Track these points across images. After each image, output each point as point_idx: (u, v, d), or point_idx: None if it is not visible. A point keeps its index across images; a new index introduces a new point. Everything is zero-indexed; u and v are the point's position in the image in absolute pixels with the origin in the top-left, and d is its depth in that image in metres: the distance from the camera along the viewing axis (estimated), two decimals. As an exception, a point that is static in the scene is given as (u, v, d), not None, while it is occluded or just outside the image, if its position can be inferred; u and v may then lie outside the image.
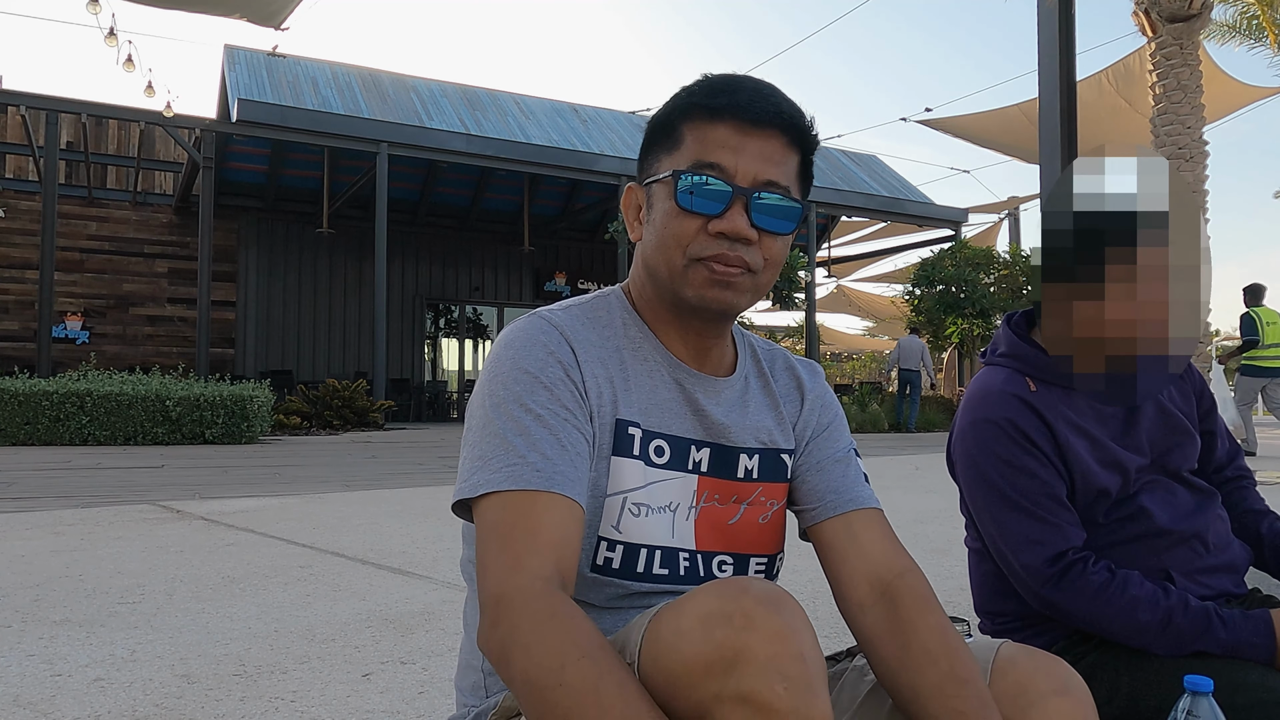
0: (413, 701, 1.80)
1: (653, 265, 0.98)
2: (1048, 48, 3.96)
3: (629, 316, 1.02)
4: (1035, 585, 1.29)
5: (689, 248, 0.94)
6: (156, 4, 4.85)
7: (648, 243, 0.98)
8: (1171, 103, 10.65)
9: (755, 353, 1.11)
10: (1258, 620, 1.21)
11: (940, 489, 6.00)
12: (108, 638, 2.22)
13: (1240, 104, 16.28)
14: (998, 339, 1.45)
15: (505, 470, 0.87)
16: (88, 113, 14.50)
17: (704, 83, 0.97)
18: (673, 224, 0.94)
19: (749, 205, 0.93)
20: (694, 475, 1.00)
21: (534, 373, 0.92)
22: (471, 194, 19.08)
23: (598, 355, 0.97)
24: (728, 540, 1.01)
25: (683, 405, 1.01)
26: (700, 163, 0.93)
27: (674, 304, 0.99)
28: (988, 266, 17.51)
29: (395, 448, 9.81)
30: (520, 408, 0.90)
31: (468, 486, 0.89)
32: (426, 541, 3.69)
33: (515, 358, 0.93)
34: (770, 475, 1.04)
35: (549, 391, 0.91)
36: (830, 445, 1.08)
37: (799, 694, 0.69)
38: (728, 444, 1.02)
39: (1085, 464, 1.31)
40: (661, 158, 0.98)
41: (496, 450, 0.88)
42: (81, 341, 16.92)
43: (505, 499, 0.86)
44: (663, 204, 0.96)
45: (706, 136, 0.94)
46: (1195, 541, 1.33)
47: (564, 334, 0.96)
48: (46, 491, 5.38)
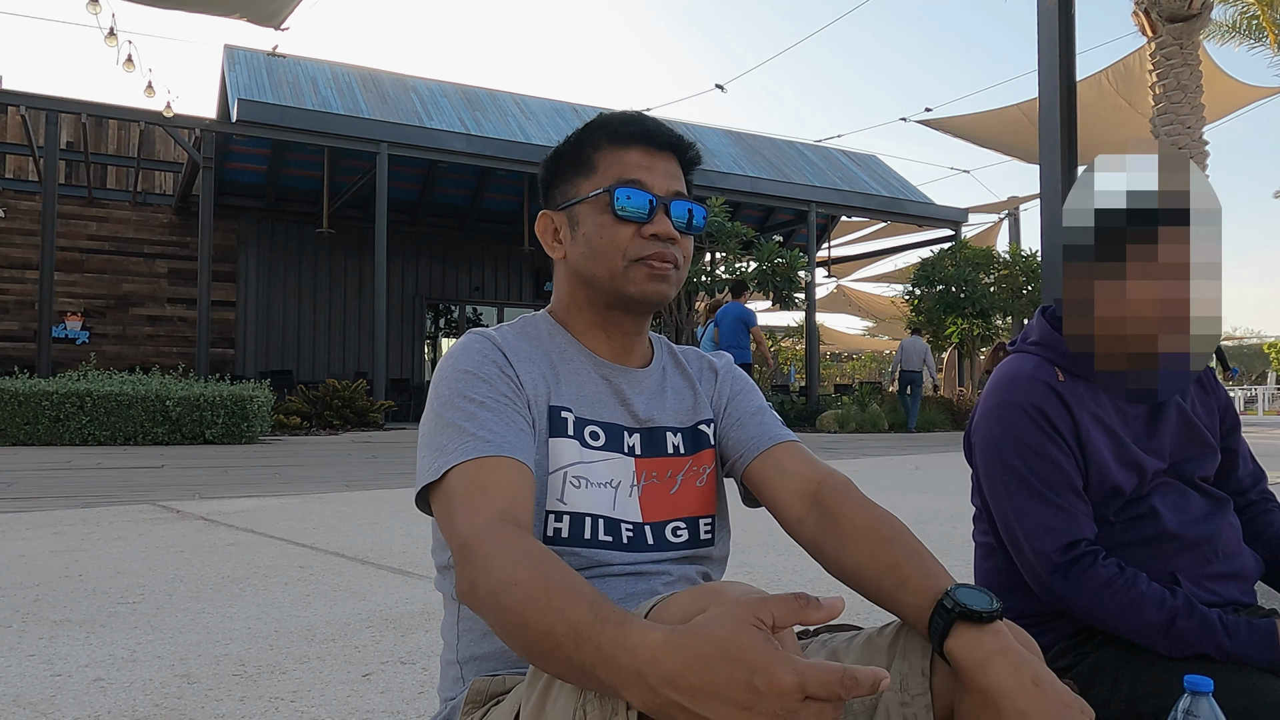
0: (413, 701, 1.80)
1: (589, 273, 1.12)
2: (1048, 48, 3.96)
3: (554, 328, 1.17)
4: (1044, 572, 1.29)
5: (626, 251, 1.09)
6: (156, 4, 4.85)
7: (579, 255, 1.12)
8: (1171, 103, 10.65)
9: (669, 347, 1.27)
10: (1262, 631, 1.21)
11: (940, 489, 5.99)
12: (108, 638, 2.22)
13: (1240, 104, 16.28)
14: (1030, 328, 1.45)
15: (459, 449, 0.97)
16: (88, 113, 14.50)
17: (606, 118, 1.14)
18: (608, 233, 1.09)
19: (669, 211, 1.10)
20: (630, 458, 1.11)
21: (472, 370, 1.04)
22: (471, 194, 19.08)
23: (528, 357, 1.10)
24: (674, 508, 1.12)
25: (611, 396, 1.14)
26: (623, 179, 1.09)
27: (610, 305, 1.13)
28: (988, 266, 17.51)
29: (395, 448, 9.81)
30: (463, 399, 1.01)
31: (429, 473, 0.98)
32: (426, 541, 3.69)
33: (454, 364, 1.06)
34: (694, 446, 1.17)
35: (487, 384, 1.03)
36: (745, 404, 1.22)
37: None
38: (654, 426, 1.15)
39: (1104, 460, 1.31)
40: (578, 183, 1.13)
41: (449, 437, 0.98)
42: (81, 341, 16.92)
43: (461, 470, 0.95)
44: (594, 218, 1.10)
45: (621, 160, 1.11)
46: (1205, 547, 1.33)
47: (495, 342, 1.09)
48: (46, 491, 5.38)
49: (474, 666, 1.06)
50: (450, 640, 1.11)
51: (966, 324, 17.31)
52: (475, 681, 1.01)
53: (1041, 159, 4.02)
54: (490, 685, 1.00)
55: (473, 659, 1.07)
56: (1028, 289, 17.43)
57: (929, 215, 20.36)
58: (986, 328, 17.54)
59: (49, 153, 13.58)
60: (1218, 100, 13.74)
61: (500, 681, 1.00)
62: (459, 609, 1.10)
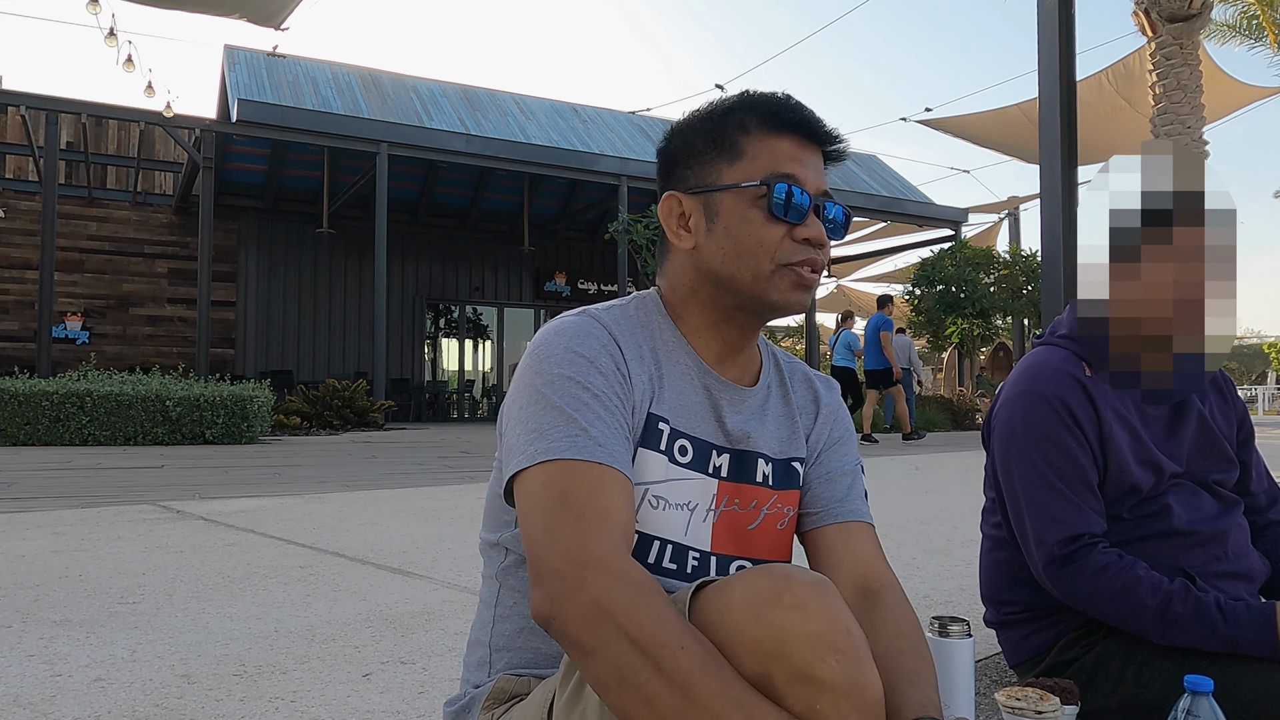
0: (413, 701, 1.80)
1: (726, 272, 1.01)
2: (1048, 48, 3.96)
3: (665, 321, 1.06)
4: (1042, 562, 1.30)
5: (776, 254, 0.99)
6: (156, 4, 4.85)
7: (716, 250, 1.01)
8: (1171, 103, 10.64)
9: (778, 362, 1.15)
10: (1260, 614, 1.21)
11: (940, 489, 5.99)
12: (108, 638, 2.22)
13: (1240, 103, 16.27)
14: (1059, 322, 1.45)
15: (567, 440, 0.88)
16: (88, 113, 14.49)
17: (757, 99, 1.02)
18: (757, 231, 0.99)
19: (822, 212, 1.00)
20: (714, 479, 1.02)
21: (589, 358, 0.95)
22: (471, 194, 19.08)
23: (637, 354, 1.01)
24: (745, 545, 1.04)
25: (708, 410, 1.04)
26: (777, 174, 0.98)
27: (739, 308, 1.03)
28: (988, 266, 17.51)
29: (395, 448, 9.81)
30: (577, 385, 0.92)
31: (526, 456, 0.89)
32: (426, 541, 3.69)
33: (569, 343, 0.95)
34: (784, 483, 1.08)
35: (603, 377, 0.94)
36: (840, 459, 1.12)
37: (850, 666, 0.74)
38: (747, 449, 1.05)
39: (1123, 457, 1.31)
40: (720, 167, 1.01)
41: (556, 422, 0.90)
42: (81, 341, 16.91)
43: (570, 468, 0.87)
44: (740, 212, 0.99)
45: (774, 149, 1.00)
46: (1214, 545, 1.33)
47: (610, 332, 0.99)
48: (46, 491, 5.38)
49: (503, 657, 1.03)
50: (485, 619, 1.07)
51: (966, 324, 17.31)
52: (500, 679, 0.99)
53: (1041, 159, 4.03)
54: (514, 685, 0.98)
55: (504, 649, 1.04)
56: (1028, 289, 17.42)
57: (929, 215, 20.36)
58: (986, 328, 17.54)
59: (49, 153, 13.58)
60: (1218, 100, 13.73)
61: (524, 683, 0.98)
62: (499, 593, 1.05)
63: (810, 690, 0.72)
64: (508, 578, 1.05)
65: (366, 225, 16.28)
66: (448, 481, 6.20)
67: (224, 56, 15.55)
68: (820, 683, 0.72)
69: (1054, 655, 1.37)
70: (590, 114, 19.14)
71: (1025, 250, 18.38)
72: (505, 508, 1.02)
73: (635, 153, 17.32)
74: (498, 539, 1.06)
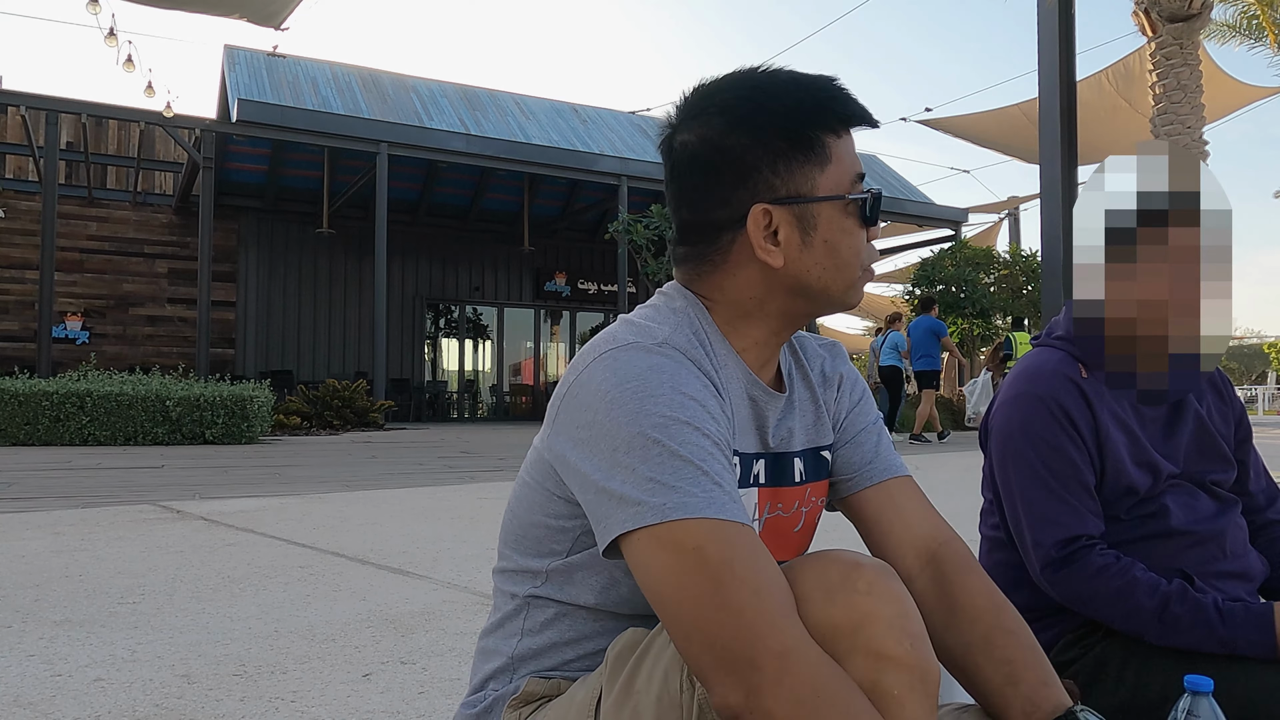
0: (413, 701, 1.80)
1: (821, 285, 0.94)
2: (1048, 48, 3.96)
3: (716, 335, 0.97)
4: (1039, 564, 1.30)
5: (863, 260, 0.96)
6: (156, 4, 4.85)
7: (813, 265, 0.93)
8: (1171, 103, 10.64)
9: (791, 345, 1.08)
10: (1258, 615, 1.21)
11: (940, 489, 5.99)
12: (108, 638, 2.22)
13: (1240, 104, 16.28)
14: (1055, 323, 1.45)
15: (704, 497, 0.78)
16: (88, 113, 14.51)
17: (827, 93, 0.94)
18: (854, 241, 0.94)
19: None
20: (754, 489, 0.98)
21: (699, 400, 0.85)
22: (471, 194, 19.08)
23: (718, 385, 0.93)
24: (788, 550, 1.01)
25: (751, 422, 0.99)
26: (859, 175, 0.94)
27: (807, 314, 0.97)
28: (988, 266, 17.53)
29: (395, 448, 9.81)
30: (696, 431, 0.82)
31: (651, 510, 0.78)
32: (426, 541, 3.69)
33: (670, 381, 0.84)
34: (815, 474, 1.04)
35: (716, 423, 0.85)
36: (863, 417, 1.09)
37: (920, 649, 0.77)
38: (783, 451, 1.01)
39: (1120, 458, 1.31)
40: (811, 173, 0.92)
41: (684, 473, 0.79)
42: (81, 341, 16.92)
43: (717, 529, 0.77)
44: (839, 222, 0.93)
45: (848, 149, 0.94)
46: (1212, 545, 1.33)
47: (702, 367, 0.90)
48: (46, 491, 5.38)
49: (528, 664, 1.00)
50: (510, 631, 1.01)
51: (966, 324, 17.30)
52: (530, 682, 0.96)
53: (1041, 159, 4.03)
54: (543, 688, 0.96)
55: (529, 658, 1.00)
56: (1028, 289, 17.44)
57: (929, 215, 20.36)
58: (986, 328, 17.54)
59: (49, 153, 13.59)
60: (1217, 100, 13.74)
61: (554, 685, 0.96)
62: (528, 610, 0.99)
63: (886, 672, 0.75)
64: (538, 600, 1.00)
65: (366, 225, 16.29)
66: (448, 481, 6.20)
67: (224, 56, 15.55)
68: (897, 664, 0.75)
69: (1053, 656, 1.37)
70: (590, 114, 19.14)
71: (1025, 250, 18.41)
72: (556, 538, 0.96)
73: (635, 153, 17.33)
74: (540, 566, 0.98)
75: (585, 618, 0.98)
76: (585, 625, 0.98)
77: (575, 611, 0.98)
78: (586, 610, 0.97)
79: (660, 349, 0.88)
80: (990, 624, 0.93)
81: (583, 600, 0.97)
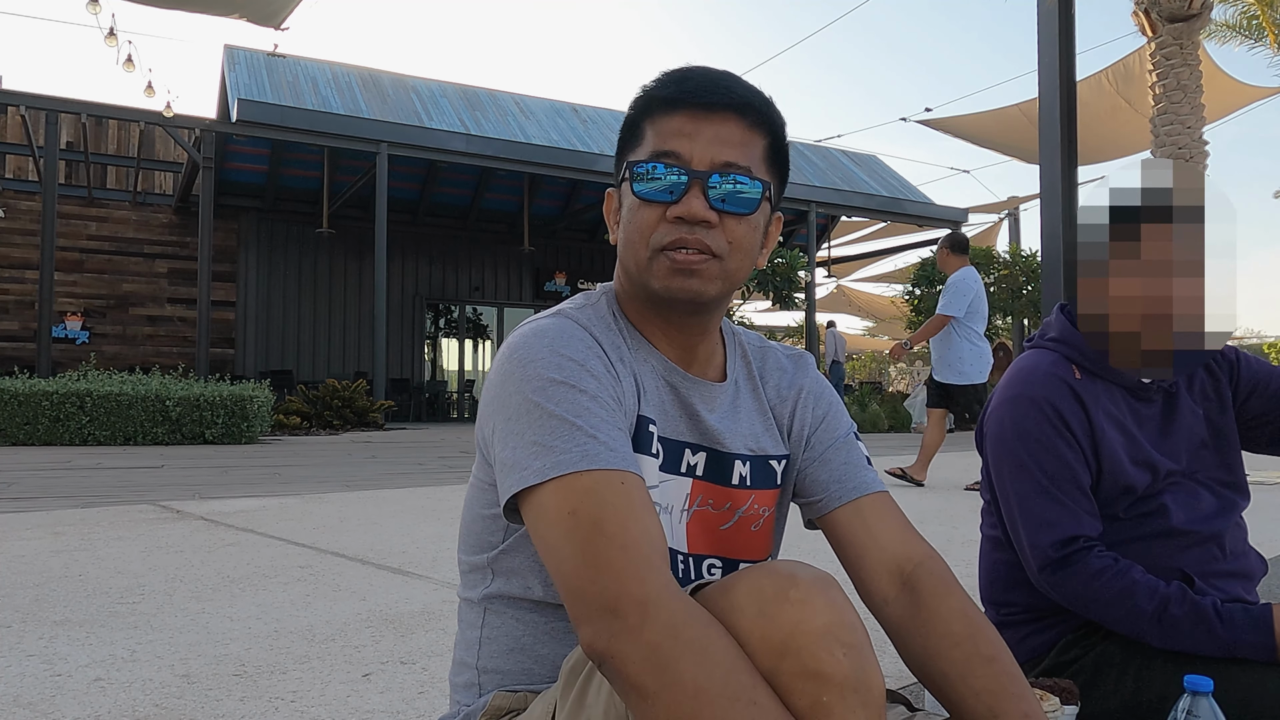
0: (413, 701, 1.80)
1: (625, 262, 0.98)
2: (1048, 48, 3.96)
3: (622, 318, 1.01)
4: (1036, 565, 1.30)
5: (651, 238, 0.93)
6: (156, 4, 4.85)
7: (620, 241, 0.98)
8: (1171, 103, 10.64)
9: (746, 354, 1.10)
10: (1257, 617, 1.21)
11: (940, 489, 6.00)
12: (108, 638, 2.22)
13: (1240, 104, 16.27)
14: (1048, 324, 1.45)
15: (578, 451, 0.81)
16: (88, 113, 14.49)
17: (659, 77, 0.98)
18: (636, 217, 0.94)
19: (705, 188, 0.91)
20: (688, 479, 0.99)
21: (576, 360, 0.89)
22: (471, 194, 19.08)
23: (618, 355, 0.96)
24: (718, 545, 1.01)
25: (677, 408, 1.00)
26: (656, 152, 0.93)
27: (649, 300, 0.98)
28: (988, 266, 17.51)
29: (395, 448, 9.81)
30: (572, 389, 0.86)
31: (533, 472, 0.82)
32: (426, 541, 3.69)
33: (553, 346, 0.89)
34: (761, 482, 1.03)
35: (596, 380, 0.88)
36: (829, 434, 1.07)
37: (855, 659, 0.73)
38: (722, 450, 1.01)
39: (1117, 457, 1.31)
40: (626, 155, 0.98)
41: (559, 431, 0.83)
42: (81, 341, 16.92)
43: (593, 485, 0.80)
44: (628, 199, 0.96)
45: (664, 127, 0.94)
46: (1212, 544, 1.33)
47: (591, 332, 0.94)
48: (46, 491, 5.38)
49: (494, 678, 1.00)
50: (470, 640, 1.03)
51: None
52: (496, 696, 0.96)
53: (1041, 159, 4.03)
54: (510, 702, 0.96)
55: (494, 670, 1.00)
56: (1028, 289, 17.43)
57: (929, 215, 20.36)
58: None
59: (49, 153, 13.58)
60: (1218, 100, 13.73)
61: (521, 698, 0.96)
62: (484, 615, 1.01)
63: (818, 685, 0.72)
64: (493, 601, 1.01)
65: (366, 225, 16.28)
66: (448, 481, 6.20)
67: (224, 56, 15.55)
68: (828, 677, 0.72)
69: (1054, 656, 1.37)
70: (590, 114, 19.14)
71: (1025, 250, 18.40)
72: (490, 528, 0.99)
73: (635, 153, 17.30)
74: (483, 561, 1.01)
75: (543, 615, 0.98)
76: (542, 624, 0.98)
77: (532, 609, 0.98)
78: (541, 606, 0.98)
79: (554, 316, 0.95)
80: (969, 651, 0.90)
81: (534, 593, 0.97)
